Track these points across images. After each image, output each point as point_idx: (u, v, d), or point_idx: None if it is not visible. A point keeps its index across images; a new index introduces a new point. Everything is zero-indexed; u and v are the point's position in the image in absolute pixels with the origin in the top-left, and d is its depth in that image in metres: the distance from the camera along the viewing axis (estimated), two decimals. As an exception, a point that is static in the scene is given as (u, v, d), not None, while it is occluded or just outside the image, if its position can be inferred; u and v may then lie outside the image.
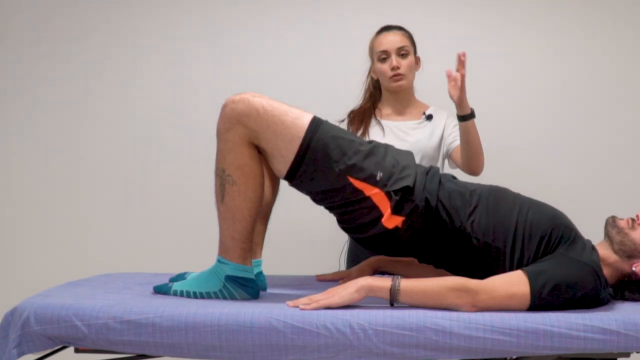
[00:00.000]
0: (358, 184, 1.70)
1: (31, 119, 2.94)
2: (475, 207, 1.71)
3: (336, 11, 2.88)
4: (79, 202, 2.91)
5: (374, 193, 1.70)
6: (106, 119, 2.92)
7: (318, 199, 1.79)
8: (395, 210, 1.69)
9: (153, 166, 2.90)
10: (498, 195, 1.77)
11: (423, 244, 1.74)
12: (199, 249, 2.79)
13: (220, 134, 1.73)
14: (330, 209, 1.81)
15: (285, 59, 2.88)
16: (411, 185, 1.70)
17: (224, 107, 1.72)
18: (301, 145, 1.69)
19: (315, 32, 2.88)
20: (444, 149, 2.42)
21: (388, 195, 1.69)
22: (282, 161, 1.72)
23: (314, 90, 2.84)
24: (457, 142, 2.34)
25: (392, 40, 2.36)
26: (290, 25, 2.89)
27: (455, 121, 2.30)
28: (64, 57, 2.93)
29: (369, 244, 1.82)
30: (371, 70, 2.48)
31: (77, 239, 2.91)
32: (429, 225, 1.71)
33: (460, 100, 2.11)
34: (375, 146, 1.77)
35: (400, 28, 2.41)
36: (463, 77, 2.07)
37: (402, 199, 1.69)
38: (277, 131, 1.69)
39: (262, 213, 1.91)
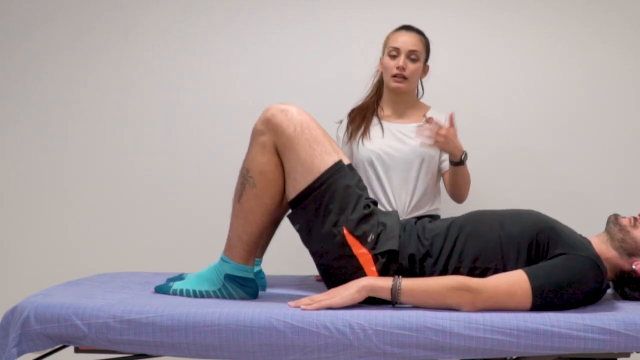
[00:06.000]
0: (350, 238, 1.72)
1: (34, 117, 2.94)
2: (457, 239, 1.73)
3: (338, 9, 2.86)
4: (79, 201, 2.91)
5: (361, 253, 1.72)
6: (107, 119, 2.91)
7: (308, 239, 1.80)
8: (383, 273, 1.71)
9: (153, 166, 2.89)
10: (475, 220, 1.78)
11: None
12: (199, 249, 2.79)
13: (255, 135, 1.74)
14: (315, 255, 1.82)
15: (283, 58, 2.87)
16: (397, 249, 1.72)
17: (268, 109, 1.73)
18: (316, 180, 1.71)
19: (314, 31, 2.87)
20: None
21: (374, 257, 1.72)
22: (293, 185, 1.73)
23: (312, 90, 2.83)
24: (447, 164, 2.35)
25: (407, 41, 2.32)
26: (289, 24, 2.88)
27: None
28: (62, 56, 2.93)
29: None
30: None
31: (77, 239, 2.90)
32: (418, 275, 1.72)
33: (452, 153, 2.22)
34: (373, 210, 1.78)
35: (420, 33, 2.37)
36: (453, 134, 2.17)
37: (387, 261, 1.72)
38: (301, 155, 1.70)
39: (274, 217, 1.92)
